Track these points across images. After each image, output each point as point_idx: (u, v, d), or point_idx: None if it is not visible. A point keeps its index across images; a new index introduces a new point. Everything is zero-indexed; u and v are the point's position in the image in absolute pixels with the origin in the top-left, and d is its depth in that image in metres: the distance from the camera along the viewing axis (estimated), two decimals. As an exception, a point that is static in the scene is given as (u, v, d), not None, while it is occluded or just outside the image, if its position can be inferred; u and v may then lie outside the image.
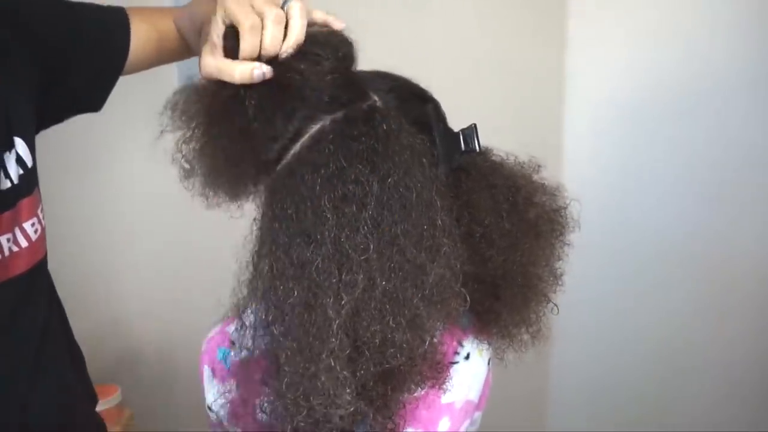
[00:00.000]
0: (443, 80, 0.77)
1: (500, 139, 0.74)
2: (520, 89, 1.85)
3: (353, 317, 0.56)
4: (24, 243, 0.73)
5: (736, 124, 1.71)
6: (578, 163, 1.93)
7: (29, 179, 0.75)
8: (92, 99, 0.88)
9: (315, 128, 0.62)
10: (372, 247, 0.57)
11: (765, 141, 1.68)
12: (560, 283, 0.72)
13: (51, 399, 0.80)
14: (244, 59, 0.62)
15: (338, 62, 0.64)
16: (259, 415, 0.61)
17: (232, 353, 0.63)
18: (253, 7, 0.62)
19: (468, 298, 0.62)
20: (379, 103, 0.64)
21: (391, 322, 0.57)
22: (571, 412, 2.09)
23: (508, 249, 0.67)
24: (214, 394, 0.65)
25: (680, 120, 1.78)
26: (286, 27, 0.63)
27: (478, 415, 0.76)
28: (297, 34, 0.63)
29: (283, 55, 0.63)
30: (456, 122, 0.71)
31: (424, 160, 0.62)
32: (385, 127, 0.61)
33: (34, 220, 0.75)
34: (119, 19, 0.87)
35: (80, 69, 0.83)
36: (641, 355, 1.95)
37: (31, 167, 0.75)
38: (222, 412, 0.64)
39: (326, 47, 0.64)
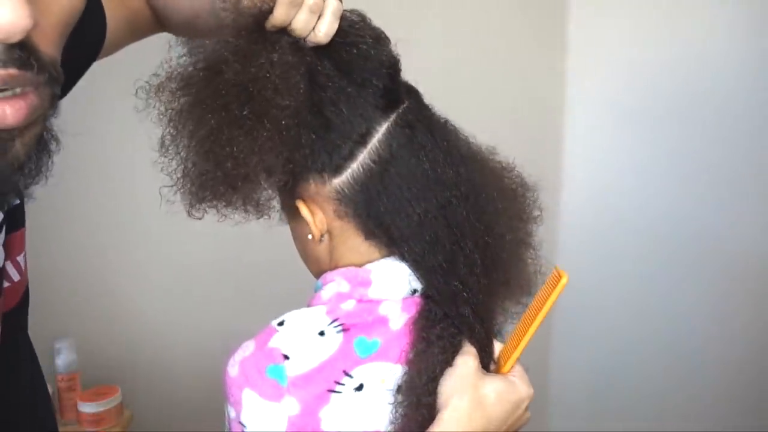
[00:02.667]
0: (444, 82, 0.77)
1: (501, 139, 0.75)
2: (520, 90, 1.85)
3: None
4: (16, 277, 0.68)
5: (736, 124, 1.71)
6: (578, 163, 1.93)
7: (22, 210, 0.69)
8: (63, 89, 0.85)
9: (381, 131, 0.61)
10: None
11: (765, 141, 1.68)
12: (539, 252, 0.74)
13: (51, 422, 0.78)
14: (273, 27, 0.58)
15: (392, 53, 0.64)
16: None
17: (287, 367, 0.59)
18: None
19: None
20: (411, 106, 0.64)
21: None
22: (571, 412, 2.09)
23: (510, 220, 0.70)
24: (265, 417, 0.59)
25: (680, 120, 1.78)
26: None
27: None
28: (329, 29, 0.60)
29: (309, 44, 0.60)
30: (458, 123, 0.71)
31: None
32: (435, 133, 0.64)
33: (24, 251, 0.70)
34: (93, 7, 0.80)
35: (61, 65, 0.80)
36: (641, 355, 1.95)
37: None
38: None
39: (381, 39, 0.63)
